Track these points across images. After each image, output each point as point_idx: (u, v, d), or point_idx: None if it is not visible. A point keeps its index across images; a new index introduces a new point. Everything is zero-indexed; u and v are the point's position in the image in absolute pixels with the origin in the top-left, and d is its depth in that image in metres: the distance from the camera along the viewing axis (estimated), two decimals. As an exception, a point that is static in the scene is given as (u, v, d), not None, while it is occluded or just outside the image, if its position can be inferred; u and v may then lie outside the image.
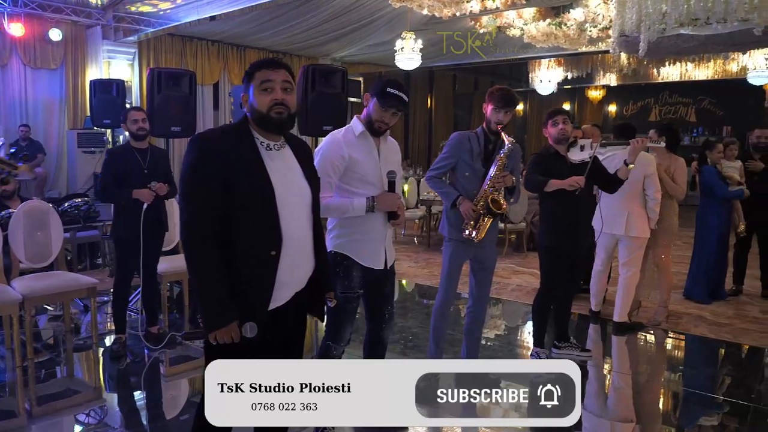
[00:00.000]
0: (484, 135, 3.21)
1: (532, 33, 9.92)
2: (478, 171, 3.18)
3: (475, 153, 3.18)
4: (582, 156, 3.58)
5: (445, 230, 3.33)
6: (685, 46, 6.33)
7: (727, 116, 14.11)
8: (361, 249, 2.61)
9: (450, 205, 3.21)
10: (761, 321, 4.79)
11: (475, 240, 3.18)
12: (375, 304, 2.78)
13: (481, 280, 3.39)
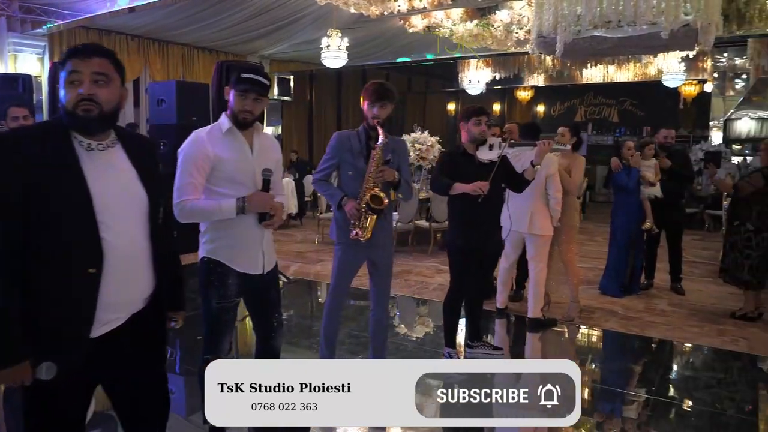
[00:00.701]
0: (365, 132, 3.11)
1: (460, 33, 10.03)
2: (361, 169, 3.07)
3: (356, 151, 3.08)
4: (491, 155, 3.57)
5: (333, 233, 3.23)
6: (600, 47, 6.51)
7: (647, 117, 14.72)
8: (235, 254, 2.45)
9: (336, 206, 3.12)
10: (668, 314, 4.97)
11: (362, 240, 3.06)
12: (260, 313, 2.64)
13: (377, 283, 3.29)
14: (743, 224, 4.67)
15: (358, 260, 3.21)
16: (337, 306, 3.31)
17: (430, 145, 8.36)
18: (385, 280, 3.30)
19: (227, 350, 2.58)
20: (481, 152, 3.59)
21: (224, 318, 2.50)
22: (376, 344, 3.38)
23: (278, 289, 2.70)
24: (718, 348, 4.25)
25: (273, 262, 2.61)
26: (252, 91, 2.36)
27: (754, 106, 11.79)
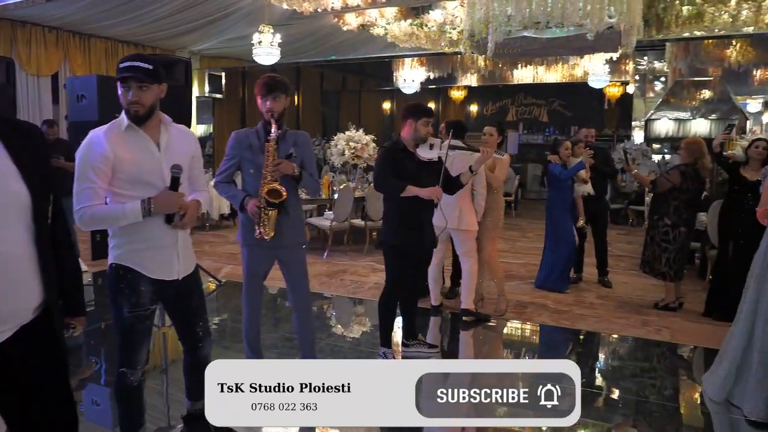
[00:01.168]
0: (263, 128, 3.02)
1: (394, 32, 10.05)
2: (262, 166, 2.98)
3: (255, 148, 3.00)
4: (431, 155, 3.55)
5: (239, 236, 3.16)
6: (530, 48, 6.68)
7: (574, 117, 15.24)
8: (145, 259, 2.28)
9: (239, 207, 3.04)
10: (597, 306, 5.13)
11: (267, 238, 2.98)
12: (183, 322, 2.50)
13: (292, 284, 3.21)
14: (661, 219, 4.88)
15: (266, 261, 3.14)
16: (253, 311, 3.21)
17: (365, 144, 8.33)
18: (300, 279, 3.21)
19: (144, 361, 2.44)
20: (421, 150, 3.55)
21: (138, 328, 2.35)
22: (303, 346, 3.29)
23: (201, 295, 2.57)
24: (643, 338, 4.41)
25: (190, 267, 2.45)
26: (133, 79, 2.16)
27: (672, 107, 12.38)
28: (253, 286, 3.19)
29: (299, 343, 3.33)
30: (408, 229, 3.59)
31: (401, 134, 3.66)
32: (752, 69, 11.24)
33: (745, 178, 4.57)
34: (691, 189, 4.84)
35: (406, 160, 3.57)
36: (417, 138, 3.55)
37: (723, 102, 11.98)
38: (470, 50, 6.73)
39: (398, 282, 3.70)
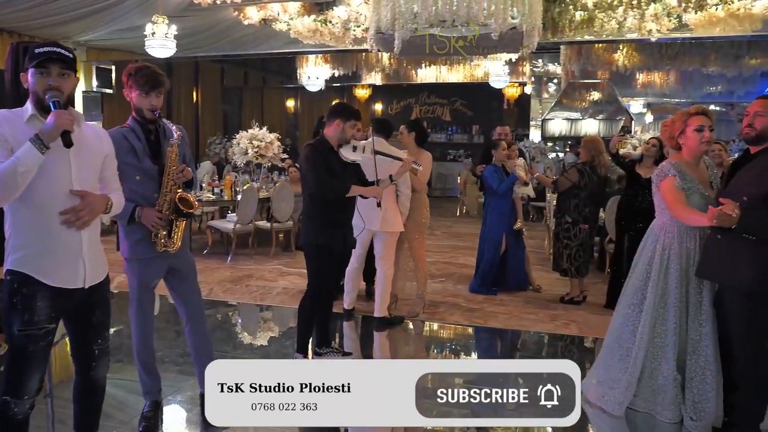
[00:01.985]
0: (140, 127, 2.71)
1: (297, 28, 9.79)
2: (149, 170, 2.68)
3: (140, 150, 2.67)
4: (354, 156, 3.51)
5: (126, 250, 2.78)
6: (436, 47, 6.69)
7: (476, 116, 15.66)
8: (45, 264, 2.02)
9: (128, 219, 2.66)
10: (506, 303, 5.20)
11: (173, 250, 2.74)
12: (80, 338, 2.21)
13: (185, 292, 2.95)
14: (563, 216, 5.04)
15: (161, 272, 2.86)
16: (148, 327, 2.91)
17: (269, 142, 8.03)
18: (195, 285, 2.98)
19: (35, 391, 2.08)
20: (344, 150, 3.48)
21: (29, 349, 2.03)
22: (200, 361, 2.99)
23: (107, 310, 2.28)
24: (552, 332, 4.50)
25: (100, 276, 2.19)
26: (54, 64, 1.96)
27: (565, 107, 13.01)
28: (148, 301, 2.88)
29: (195, 359, 3.03)
30: (333, 227, 3.48)
31: (325, 132, 3.53)
32: (636, 73, 12.03)
33: (640, 175, 4.79)
34: (590, 186, 5.03)
35: (333, 160, 3.47)
36: (342, 139, 3.47)
37: (610, 103, 12.77)
38: (377, 47, 6.62)
39: (324, 283, 3.55)
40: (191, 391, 3.25)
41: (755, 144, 2.72)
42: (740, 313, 2.68)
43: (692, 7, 7.69)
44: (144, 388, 2.92)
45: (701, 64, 10.26)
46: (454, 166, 14.83)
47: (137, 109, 2.68)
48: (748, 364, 2.71)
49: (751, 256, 2.57)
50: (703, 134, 2.88)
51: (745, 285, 2.61)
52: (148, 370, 2.90)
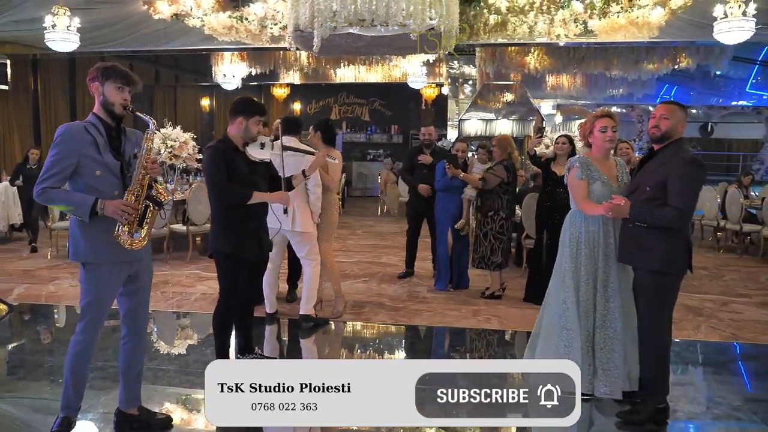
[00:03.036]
0: (102, 123, 2.59)
1: (212, 25, 9.48)
2: (112, 166, 2.56)
3: (102, 144, 2.54)
4: (262, 155, 3.35)
5: (80, 253, 2.58)
6: (356, 45, 6.66)
7: (395, 116, 15.81)
8: None
9: (89, 215, 2.47)
10: (430, 300, 5.26)
11: (138, 246, 2.57)
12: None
13: (137, 303, 2.77)
14: (497, 213, 5.16)
15: (121, 279, 2.66)
16: (91, 343, 2.68)
17: (183, 142, 7.73)
18: (146, 296, 2.82)
19: None
20: (251, 149, 3.32)
21: None
22: (128, 380, 2.83)
23: None
24: (475, 327, 4.59)
25: None
26: None
27: (480, 108, 13.37)
28: (103, 315, 2.67)
29: (124, 373, 2.84)
30: (242, 235, 3.31)
31: (229, 132, 3.35)
32: (546, 75, 12.56)
33: (555, 173, 4.98)
34: (513, 182, 5.21)
35: (238, 161, 3.29)
36: (247, 137, 3.29)
37: (523, 104, 13.24)
38: (295, 45, 6.52)
39: (234, 292, 3.39)
40: (103, 408, 3.04)
41: (659, 143, 3.02)
42: (647, 290, 2.98)
43: (597, 14, 8.10)
44: (65, 402, 2.69)
45: (605, 68, 10.85)
46: (374, 165, 14.91)
47: (106, 103, 2.56)
48: (652, 335, 3.00)
49: (652, 241, 2.90)
50: (606, 134, 3.23)
51: (651, 265, 2.93)
52: (76, 388, 2.68)
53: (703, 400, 3.47)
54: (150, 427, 2.88)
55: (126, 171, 2.59)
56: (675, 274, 2.97)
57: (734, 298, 5.47)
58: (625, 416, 3.03)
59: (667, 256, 2.90)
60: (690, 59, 10.37)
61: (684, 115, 3.01)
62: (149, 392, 3.20)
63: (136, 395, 2.89)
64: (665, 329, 3.02)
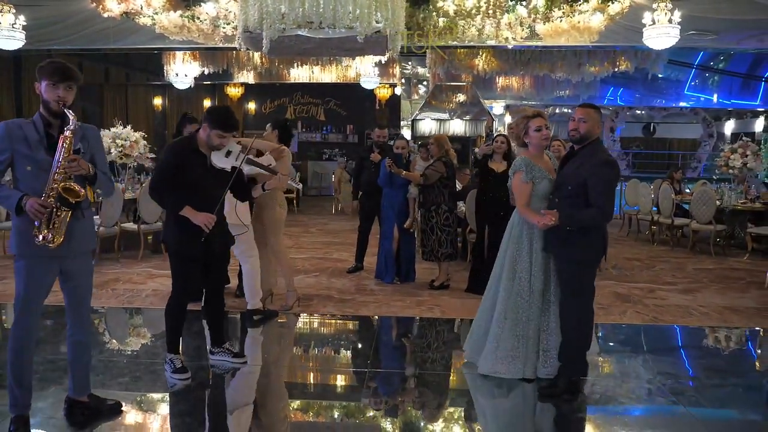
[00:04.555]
0: (42, 120, 2.67)
1: (163, 23, 9.45)
2: (42, 162, 2.63)
3: (34, 141, 2.62)
4: (225, 164, 3.40)
5: (17, 246, 2.68)
6: (305, 47, 6.80)
7: (350, 116, 15.97)
8: None
9: (16, 210, 2.57)
10: (376, 292, 5.47)
11: (54, 245, 2.62)
12: None
13: (77, 299, 2.86)
14: (439, 207, 5.44)
15: (50, 274, 2.73)
16: (27, 336, 2.75)
17: (134, 141, 7.72)
18: (85, 293, 2.89)
19: None
20: (215, 156, 3.39)
21: None
22: (77, 371, 2.95)
23: None
24: (420, 317, 4.83)
25: None
26: None
27: (433, 108, 13.68)
28: (34, 307, 2.73)
29: (72, 367, 2.95)
30: (185, 232, 3.37)
31: (199, 133, 3.43)
32: (496, 77, 12.94)
33: (493, 169, 5.26)
34: (452, 177, 5.50)
35: (195, 162, 3.38)
36: (210, 144, 3.39)
37: (474, 105, 13.62)
38: (245, 46, 6.63)
39: (184, 286, 3.53)
40: (53, 398, 3.13)
41: (579, 143, 3.31)
42: (570, 277, 3.29)
43: (540, 19, 8.45)
44: (12, 401, 2.75)
45: (550, 70, 11.25)
46: (329, 165, 15.03)
47: (45, 102, 2.63)
48: (573, 315, 3.30)
49: (576, 235, 3.21)
50: (542, 133, 3.48)
51: (574, 256, 3.24)
52: (20, 383, 2.74)
53: (618, 374, 3.80)
54: (100, 412, 3.00)
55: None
56: (588, 264, 3.30)
57: (661, 286, 5.87)
58: (543, 390, 3.33)
59: (585, 246, 3.21)
60: (629, 62, 10.86)
61: (599, 117, 3.30)
62: (100, 382, 3.31)
63: (85, 384, 3.00)
64: (584, 310, 3.30)
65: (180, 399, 3.39)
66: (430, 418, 3.25)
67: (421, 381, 3.69)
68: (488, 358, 3.53)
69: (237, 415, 3.31)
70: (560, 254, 3.31)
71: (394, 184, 5.58)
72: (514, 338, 3.47)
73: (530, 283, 3.44)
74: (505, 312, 3.49)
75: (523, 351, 3.46)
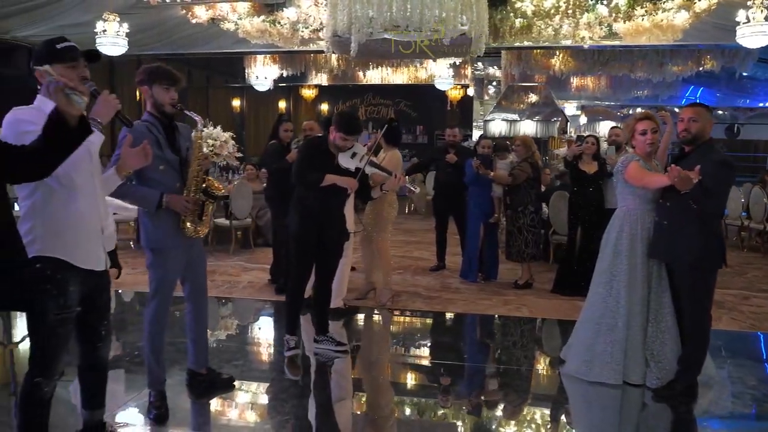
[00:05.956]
0: (158, 121, 2.85)
1: (246, 28, 9.85)
2: (172, 161, 2.84)
3: (162, 142, 2.83)
4: (350, 164, 3.63)
5: (150, 240, 2.90)
6: (389, 49, 6.99)
7: (420, 117, 16.10)
8: (75, 248, 2.14)
9: (155, 207, 2.79)
10: (462, 291, 5.55)
11: (200, 235, 2.91)
12: (89, 319, 2.33)
13: (199, 283, 3.14)
14: (526, 207, 5.46)
15: (181, 263, 2.98)
16: (163, 319, 3.01)
17: (224, 141, 8.09)
18: (204, 276, 3.17)
19: (62, 371, 2.21)
20: (342, 157, 3.62)
21: (60, 332, 2.15)
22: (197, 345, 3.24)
23: (109, 292, 2.41)
24: (508, 315, 4.88)
25: (107, 260, 2.35)
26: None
27: (504, 109, 13.58)
28: (170, 297, 3.00)
29: (193, 343, 3.23)
30: (310, 220, 3.63)
31: (329, 135, 3.66)
32: (571, 77, 12.74)
33: (585, 172, 5.24)
34: (538, 178, 5.53)
35: (324, 160, 3.63)
36: (336, 147, 3.62)
37: (546, 105, 13.43)
38: (333, 50, 6.85)
39: (301, 273, 3.77)
40: (178, 375, 3.39)
41: (690, 144, 3.19)
42: (687, 282, 3.18)
43: (621, 18, 8.29)
44: (151, 378, 3.02)
45: (629, 70, 10.99)
46: (400, 165, 15.20)
47: (157, 104, 2.81)
48: (694, 322, 3.22)
49: (690, 234, 3.08)
50: (646, 137, 3.35)
51: (690, 259, 3.12)
52: (158, 361, 3.02)
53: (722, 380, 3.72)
54: (214, 384, 3.29)
55: (183, 165, 2.89)
56: (709, 269, 3.16)
57: (756, 293, 5.67)
58: (659, 391, 3.29)
59: (701, 251, 3.08)
60: (714, 61, 10.47)
61: (710, 116, 3.16)
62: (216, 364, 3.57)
63: (203, 358, 3.28)
64: (705, 316, 3.24)
65: (286, 381, 3.63)
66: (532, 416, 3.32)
67: (520, 378, 3.76)
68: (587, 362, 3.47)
69: (338, 402, 3.47)
70: (674, 259, 3.21)
71: (480, 183, 5.65)
72: (608, 344, 3.42)
73: (628, 288, 3.35)
74: (601, 317, 3.43)
75: (619, 357, 3.38)
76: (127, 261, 6.59)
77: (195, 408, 3.20)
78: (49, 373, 2.15)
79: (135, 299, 5.38)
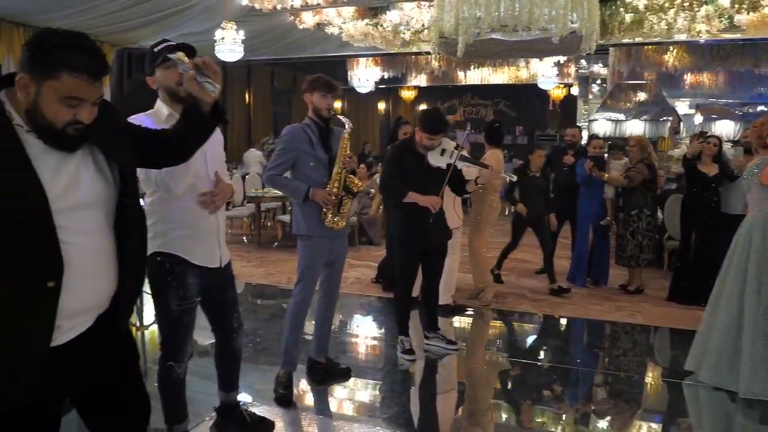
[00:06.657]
0: (315, 124, 3.13)
1: (350, 32, 10.13)
2: (322, 159, 3.10)
3: (315, 141, 3.10)
4: (441, 162, 3.64)
5: (300, 228, 3.17)
6: (497, 49, 6.93)
7: (519, 117, 15.83)
8: (191, 246, 2.30)
9: (303, 199, 3.08)
10: (571, 295, 5.40)
11: (338, 227, 3.11)
12: (219, 313, 2.53)
13: (335, 277, 3.37)
14: (641, 211, 5.24)
15: (325, 252, 3.19)
16: (305, 305, 3.22)
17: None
18: (341, 267, 3.36)
19: (190, 353, 2.45)
20: (431, 156, 3.65)
21: (185, 320, 2.36)
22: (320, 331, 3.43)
23: (235, 287, 2.60)
24: (621, 321, 4.72)
25: (228, 256, 2.51)
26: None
27: (610, 109, 13.05)
28: (312, 280, 3.23)
29: (317, 334, 3.44)
30: (413, 225, 3.67)
31: (416, 135, 3.72)
32: (685, 73, 12.03)
33: (704, 173, 4.96)
34: (654, 180, 5.29)
35: (415, 163, 3.66)
36: (423, 146, 3.66)
37: (656, 104, 12.75)
38: (439, 51, 6.90)
39: (407, 277, 3.84)
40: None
41: None
42: None
43: (745, 8, 7.74)
44: (286, 359, 3.23)
45: (753, 65, 10.23)
46: (499, 166, 15.01)
47: (315, 109, 3.10)
48: None
49: None
50: None
51: None
52: (296, 344, 3.24)
53: None
54: (330, 374, 3.46)
55: (332, 163, 3.12)
56: None
57: None
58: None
59: None
60: None
61: None
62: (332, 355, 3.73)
63: (324, 347, 3.47)
64: None
65: (400, 375, 3.74)
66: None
67: (642, 387, 3.65)
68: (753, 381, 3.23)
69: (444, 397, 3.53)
70: None
71: (593, 183, 5.49)
72: (739, 353, 3.25)
73: (758, 296, 3.18)
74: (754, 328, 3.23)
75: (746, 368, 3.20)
76: (242, 255, 7.00)
77: (315, 394, 3.38)
78: (178, 357, 2.38)
79: (247, 290, 5.68)
